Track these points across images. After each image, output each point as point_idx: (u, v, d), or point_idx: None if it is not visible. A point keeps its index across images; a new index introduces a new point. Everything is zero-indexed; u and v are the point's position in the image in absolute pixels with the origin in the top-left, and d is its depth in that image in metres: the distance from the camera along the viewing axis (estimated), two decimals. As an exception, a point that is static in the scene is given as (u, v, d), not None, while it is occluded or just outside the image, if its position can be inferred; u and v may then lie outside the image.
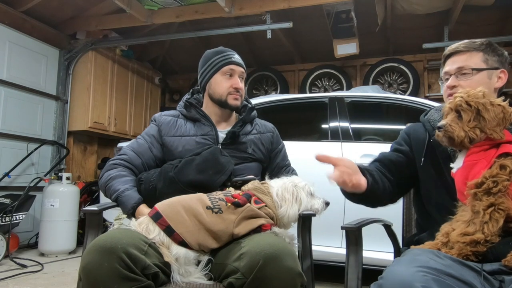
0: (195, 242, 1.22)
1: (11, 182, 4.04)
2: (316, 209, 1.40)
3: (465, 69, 1.29)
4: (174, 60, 6.29)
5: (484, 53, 1.30)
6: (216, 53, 1.63)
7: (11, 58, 4.10)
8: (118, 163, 1.56)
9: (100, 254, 1.07)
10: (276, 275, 1.09)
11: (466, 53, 1.31)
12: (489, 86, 1.28)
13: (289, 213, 1.35)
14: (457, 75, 1.30)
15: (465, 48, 1.31)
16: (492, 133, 1.08)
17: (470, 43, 1.32)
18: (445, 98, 1.34)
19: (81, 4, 4.49)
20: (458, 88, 1.28)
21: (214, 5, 4.12)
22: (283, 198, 1.36)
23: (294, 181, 1.41)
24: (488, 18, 4.63)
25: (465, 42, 1.33)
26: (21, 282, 2.93)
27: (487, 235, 1.01)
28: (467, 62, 1.29)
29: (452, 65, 1.32)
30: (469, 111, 1.10)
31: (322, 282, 2.97)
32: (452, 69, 1.32)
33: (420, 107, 2.84)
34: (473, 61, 1.29)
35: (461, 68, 1.29)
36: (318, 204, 1.40)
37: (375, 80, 5.27)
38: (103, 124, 4.90)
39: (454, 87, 1.29)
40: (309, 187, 1.41)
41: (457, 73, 1.30)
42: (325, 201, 1.43)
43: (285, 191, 1.37)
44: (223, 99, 1.60)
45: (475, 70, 1.28)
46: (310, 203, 1.39)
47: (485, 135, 1.09)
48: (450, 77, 1.32)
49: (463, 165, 1.12)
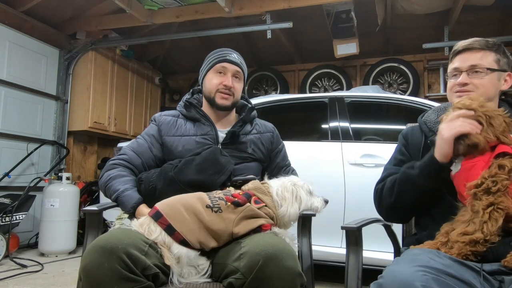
0: (196, 241, 1.22)
1: (11, 182, 4.04)
2: (316, 207, 1.40)
3: (478, 67, 1.26)
4: (174, 60, 6.29)
5: (496, 54, 1.28)
6: (215, 52, 1.65)
7: (11, 58, 4.10)
8: (118, 163, 1.56)
9: (100, 254, 1.07)
10: (276, 275, 1.09)
11: (481, 52, 1.28)
12: (497, 88, 1.28)
13: (290, 212, 1.35)
14: (468, 73, 1.27)
15: (479, 46, 1.28)
16: (502, 138, 1.09)
17: (484, 42, 1.29)
18: (451, 94, 1.32)
19: (81, 4, 4.49)
20: (470, 86, 1.26)
21: (214, 5, 4.12)
22: (283, 197, 1.36)
23: (293, 180, 1.42)
24: (488, 18, 4.63)
25: (478, 40, 1.30)
26: (21, 282, 2.93)
27: (486, 234, 1.01)
28: (482, 61, 1.27)
29: (465, 62, 1.28)
30: (485, 120, 1.11)
31: (322, 282, 2.97)
32: (464, 66, 1.28)
33: (420, 107, 2.84)
34: (487, 60, 1.27)
35: (475, 66, 1.26)
36: (317, 202, 1.41)
37: (375, 80, 5.27)
38: (103, 124, 4.90)
39: (465, 85, 1.27)
40: (308, 186, 1.42)
41: (469, 70, 1.27)
42: (324, 199, 1.44)
43: (284, 190, 1.37)
44: (212, 97, 1.60)
45: (489, 70, 1.26)
46: (310, 202, 1.39)
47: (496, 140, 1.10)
48: (461, 74, 1.28)
49: (462, 168, 1.13)
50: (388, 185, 1.31)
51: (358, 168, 2.78)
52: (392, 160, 1.43)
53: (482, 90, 1.26)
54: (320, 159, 2.95)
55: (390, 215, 1.38)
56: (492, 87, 1.27)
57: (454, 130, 1.11)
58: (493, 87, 1.28)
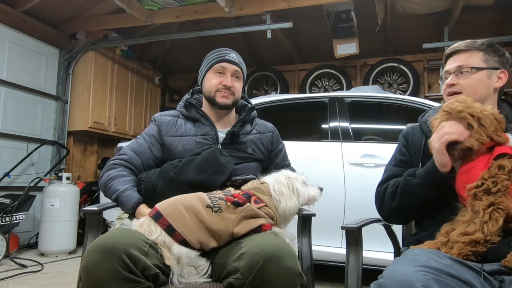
0: (196, 241, 1.22)
1: (11, 182, 4.04)
2: (313, 196, 1.41)
3: (464, 67, 1.30)
4: (174, 60, 6.29)
5: (484, 53, 1.30)
6: (213, 52, 1.65)
7: (11, 58, 4.10)
8: (118, 163, 1.56)
9: (100, 255, 1.07)
10: (276, 275, 1.09)
11: (467, 52, 1.32)
12: (489, 86, 1.29)
13: (290, 206, 1.35)
14: (456, 74, 1.31)
15: (465, 47, 1.32)
16: (495, 137, 1.09)
17: (471, 43, 1.32)
18: (445, 97, 1.35)
19: (81, 4, 4.49)
20: (457, 87, 1.30)
21: (214, 5, 4.12)
22: (280, 192, 1.36)
23: (286, 173, 1.42)
24: (488, 18, 4.63)
25: (466, 41, 1.34)
26: (21, 282, 2.93)
27: (486, 234, 1.01)
28: (467, 61, 1.30)
29: (452, 64, 1.33)
30: (474, 121, 1.11)
31: (322, 282, 2.97)
32: (452, 67, 1.32)
33: (420, 107, 2.84)
34: (473, 60, 1.30)
35: (461, 66, 1.30)
36: (314, 191, 1.42)
37: (375, 80, 5.27)
38: (103, 124, 4.90)
39: (453, 85, 1.31)
40: (301, 177, 1.43)
41: (456, 71, 1.31)
42: (319, 186, 1.45)
43: (280, 185, 1.38)
44: (212, 96, 1.60)
45: (474, 68, 1.29)
46: (307, 192, 1.40)
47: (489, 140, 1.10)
48: (450, 76, 1.33)
49: (460, 170, 1.13)
50: (390, 189, 1.31)
51: (358, 168, 2.78)
52: (393, 160, 1.43)
53: (470, 90, 1.28)
54: (320, 159, 2.95)
55: (391, 219, 1.39)
56: (481, 86, 1.29)
57: (442, 140, 1.12)
58: (483, 86, 1.29)
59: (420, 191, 1.21)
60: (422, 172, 1.22)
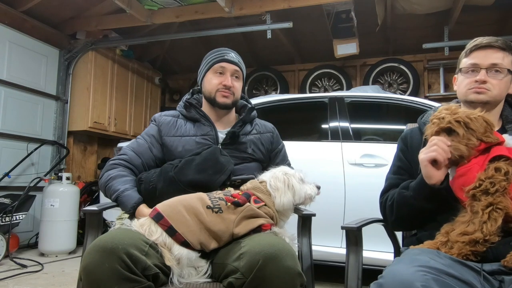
0: (197, 242, 1.22)
1: (11, 182, 4.04)
2: (309, 195, 1.40)
3: (500, 67, 1.23)
4: (174, 60, 6.29)
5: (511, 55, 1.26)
6: (212, 52, 1.65)
7: (11, 58, 4.10)
8: (118, 163, 1.56)
9: (101, 255, 1.07)
10: (276, 275, 1.09)
11: (502, 52, 1.25)
12: (507, 91, 1.27)
13: (283, 201, 1.35)
14: (488, 71, 1.24)
15: (502, 45, 1.25)
16: (485, 138, 1.09)
17: (505, 42, 1.25)
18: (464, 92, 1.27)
19: (81, 4, 4.49)
20: (488, 85, 1.23)
21: (214, 5, 4.12)
22: (275, 187, 1.36)
23: (283, 169, 1.42)
24: (488, 18, 4.63)
25: (500, 38, 1.26)
26: (21, 282, 2.93)
27: (486, 234, 1.01)
28: (503, 61, 1.24)
29: (485, 59, 1.24)
30: (460, 126, 1.11)
31: (322, 282, 2.97)
32: (485, 63, 1.24)
33: (420, 107, 2.84)
34: (508, 61, 1.25)
35: (496, 65, 1.23)
36: (310, 190, 1.41)
37: (375, 80, 5.27)
38: (103, 124, 4.90)
39: (484, 82, 1.23)
40: (299, 174, 1.42)
41: (490, 68, 1.24)
42: (316, 185, 1.44)
43: (276, 180, 1.37)
44: (212, 96, 1.60)
45: (509, 72, 1.24)
46: (303, 190, 1.39)
47: (480, 142, 1.10)
48: (480, 71, 1.24)
49: (456, 174, 1.13)
50: (389, 203, 1.31)
51: (358, 168, 2.78)
52: (392, 168, 1.43)
53: (497, 92, 1.24)
54: (320, 159, 2.95)
55: (397, 228, 1.42)
56: (506, 89, 1.26)
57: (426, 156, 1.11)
58: (506, 90, 1.26)
59: (414, 204, 1.21)
60: (414, 184, 1.22)
